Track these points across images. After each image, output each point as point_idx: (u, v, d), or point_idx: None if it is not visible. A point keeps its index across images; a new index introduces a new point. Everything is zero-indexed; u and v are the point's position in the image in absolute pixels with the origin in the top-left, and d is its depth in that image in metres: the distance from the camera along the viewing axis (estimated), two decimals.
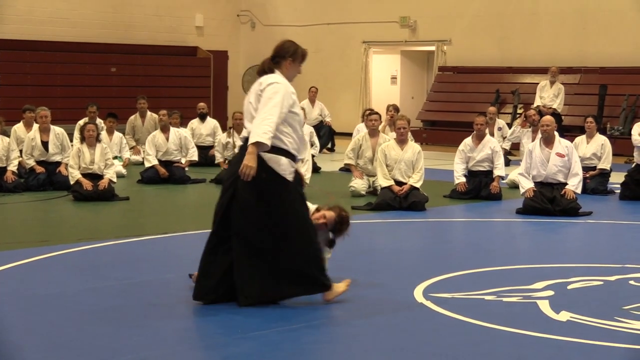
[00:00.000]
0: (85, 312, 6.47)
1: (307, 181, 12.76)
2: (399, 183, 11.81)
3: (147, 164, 14.79)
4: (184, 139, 15.19)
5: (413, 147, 12.07)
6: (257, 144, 6.39)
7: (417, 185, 11.80)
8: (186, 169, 14.97)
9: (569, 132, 17.86)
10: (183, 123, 16.57)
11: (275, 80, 6.75)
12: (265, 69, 6.91)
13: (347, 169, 14.11)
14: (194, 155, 15.22)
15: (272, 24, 26.20)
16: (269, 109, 6.51)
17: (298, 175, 6.76)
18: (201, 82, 24.69)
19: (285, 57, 6.97)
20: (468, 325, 6.17)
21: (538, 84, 20.22)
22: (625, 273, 7.78)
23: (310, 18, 25.67)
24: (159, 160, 14.72)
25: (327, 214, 7.12)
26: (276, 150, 6.55)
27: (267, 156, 6.51)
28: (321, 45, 25.51)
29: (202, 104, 17.79)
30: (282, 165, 6.57)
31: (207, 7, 26.06)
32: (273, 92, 6.62)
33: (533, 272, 7.80)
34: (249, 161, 6.39)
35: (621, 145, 17.53)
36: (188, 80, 24.32)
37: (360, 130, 15.04)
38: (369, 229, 10.53)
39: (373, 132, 13.30)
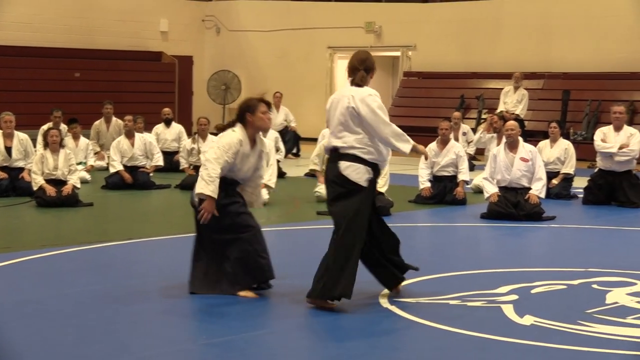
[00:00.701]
0: (49, 319, 6.41)
1: (273, 186, 12.80)
2: None
3: (111, 170, 14.70)
4: (149, 145, 15.13)
5: None
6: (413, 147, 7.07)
7: (383, 190, 11.82)
8: (151, 174, 14.90)
9: (533, 137, 17.96)
10: (147, 128, 16.50)
11: (373, 92, 7.04)
12: (358, 82, 7.02)
13: (312, 174, 14.11)
14: (159, 160, 15.15)
15: (237, 29, 26.15)
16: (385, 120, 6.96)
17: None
18: (166, 88, 24.59)
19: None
20: (433, 330, 6.19)
21: (502, 89, 20.36)
22: (588, 277, 7.84)
23: (275, 23, 25.66)
24: (124, 166, 14.65)
25: None
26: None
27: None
28: (286, 50, 25.53)
29: (167, 110, 17.73)
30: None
31: (172, 12, 25.96)
32: (378, 106, 6.95)
33: (497, 277, 7.84)
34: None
35: (584, 150, 17.67)
36: (153, 85, 24.22)
37: (326, 135, 15.02)
38: None
39: None
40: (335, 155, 6.96)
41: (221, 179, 7.07)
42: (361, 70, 7.00)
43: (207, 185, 7.00)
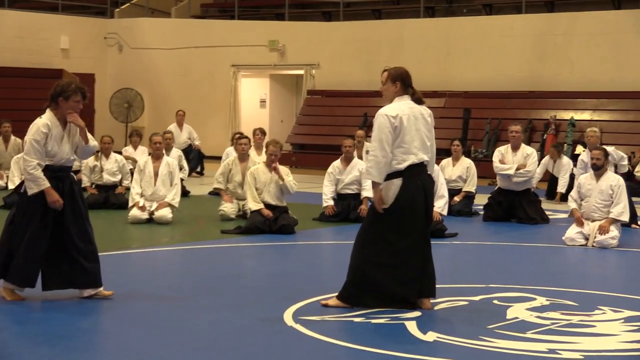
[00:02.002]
0: None
1: (176, 205, 12.69)
2: (269, 206, 11.80)
3: (10, 186, 14.38)
4: None
5: (282, 170, 12.09)
6: None
7: (289, 178, 11.81)
8: None
9: (436, 154, 18.17)
10: None
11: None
12: (419, 98, 7.60)
13: (216, 192, 14.04)
14: None
15: (139, 47, 25.93)
16: None
17: None
18: None
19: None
20: (337, 348, 6.20)
21: None
22: (490, 293, 7.96)
23: (178, 41, 25.52)
24: None
25: None
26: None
27: None
28: (189, 68, 25.42)
29: None
30: None
31: (73, 30, 25.60)
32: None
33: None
34: None
35: (485, 167, 17.99)
36: None
37: (230, 154, 15.01)
38: (238, 253, 10.50)
39: (242, 157, 13.29)
40: (424, 166, 7.42)
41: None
42: (411, 87, 7.55)
43: (34, 185, 7.16)
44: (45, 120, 7.33)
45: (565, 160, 15.92)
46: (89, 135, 7.61)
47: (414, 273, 7.23)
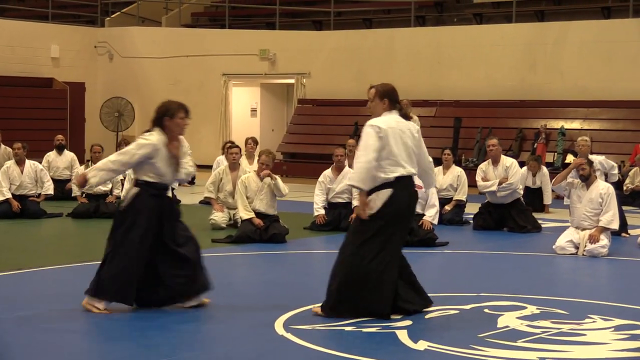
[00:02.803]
0: None
1: None
2: (260, 215, 11.79)
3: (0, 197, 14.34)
4: (40, 172, 14.80)
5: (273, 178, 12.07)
6: None
7: (280, 185, 11.80)
8: (40, 203, 14.53)
9: None
10: (39, 155, 16.17)
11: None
12: (407, 114, 7.81)
13: (207, 202, 14.03)
14: (49, 189, 14.80)
15: (130, 56, 25.92)
16: None
17: None
18: (57, 114, 24.18)
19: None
20: (328, 357, 6.20)
21: None
22: (480, 302, 7.97)
23: (169, 50, 25.52)
24: (12, 195, 14.29)
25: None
26: None
27: None
28: (180, 77, 25.40)
29: (60, 136, 17.40)
30: None
31: (63, 38, 25.58)
32: None
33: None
34: None
35: (475, 176, 17.97)
36: (44, 112, 23.79)
37: (221, 163, 15.00)
38: (229, 262, 10.49)
39: (233, 166, 13.29)
40: (412, 179, 7.54)
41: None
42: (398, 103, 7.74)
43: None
44: (155, 140, 7.45)
45: (545, 170, 15.87)
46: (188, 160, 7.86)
47: (393, 284, 7.27)
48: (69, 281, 9.01)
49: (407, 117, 7.67)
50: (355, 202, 12.89)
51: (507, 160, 13.49)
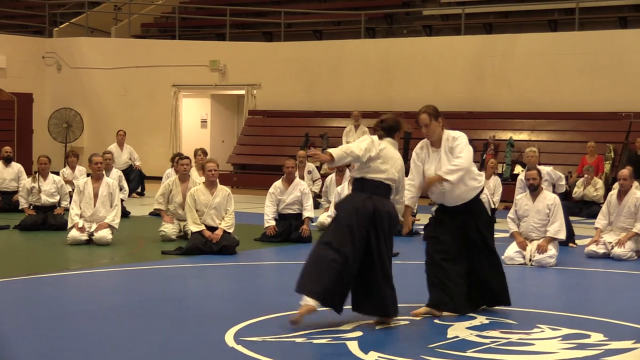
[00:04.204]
0: None
1: (116, 226, 12.59)
2: (210, 227, 11.75)
3: None
4: None
5: (223, 190, 12.03)
6: None
7: (230, 230, 11.78)
8: None
9: None
10: None
11: None
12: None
13: (157, 213, 13.95)
14: None
15: (78, 67, 25.71)
16: None
17: None
18: (5, 125, 23.93)
19: None
20: None
21: (345, 127, 20.71)
22: None
23: (118, 61, 25.36)
24: None
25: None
26: None
27: None
28: (129, 88, 25.27)
29: (7, 148, 17.16)
30: None
31: (10, 48, 25.31)
32: None
33: (342, 314, 7.90)
34: None
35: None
36: None
37: (170, 176, 14.94)
38: (179, 274, 10.43)
39: (184, 177, 13.24)
40: None
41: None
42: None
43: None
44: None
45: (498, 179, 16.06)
46: None
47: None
48: (18, 294, 8.89)
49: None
50: (305, 214, 12.92)
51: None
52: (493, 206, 15.75)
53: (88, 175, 13.65)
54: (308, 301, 7.27)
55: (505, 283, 8.11)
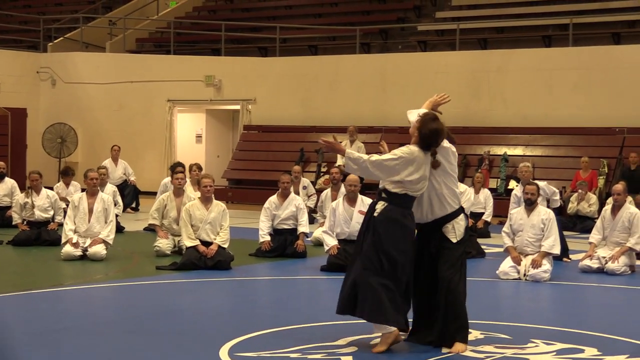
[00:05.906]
0: None
1: (111, 242, 12.57)
2: (205, 242, 11.73)
3: None
4: None
5: (218, 205, 12.03)
6: None
7: (225, 245, 11.76)
8: None
9: (371, 190, 18.27)
10: None
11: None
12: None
13: (151, 228, 13.93)
14: None
15: (73, 82, 25.71)
16: None
17: None
18: None
19: None
20: None
21: (341, 142, 20.71)
22: None
23: (113, 76, 25.36)
24: None
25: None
26: None
27: None
28: (124, 102, 25.26)
29: (1, 163, 17.12)
30: None
31: (4, 63, 25.30)
32: None
33: (337, 329, 7.89)
34: None
35: None
36: None
37: (167, 185, 14.92)
38: (174, 289, 10.41)
39: (178, 192, 13.22)
40: None
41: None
42: None
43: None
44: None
45: (487, 191, 16.07)
46: None
47: None
48: (11, 309, 8.86)
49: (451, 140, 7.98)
50: (300, 229, 12.90)
51: (460, 187, 13.55)
52: (487, 219, 15.78)
53: (83, 190, 13.63)
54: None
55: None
